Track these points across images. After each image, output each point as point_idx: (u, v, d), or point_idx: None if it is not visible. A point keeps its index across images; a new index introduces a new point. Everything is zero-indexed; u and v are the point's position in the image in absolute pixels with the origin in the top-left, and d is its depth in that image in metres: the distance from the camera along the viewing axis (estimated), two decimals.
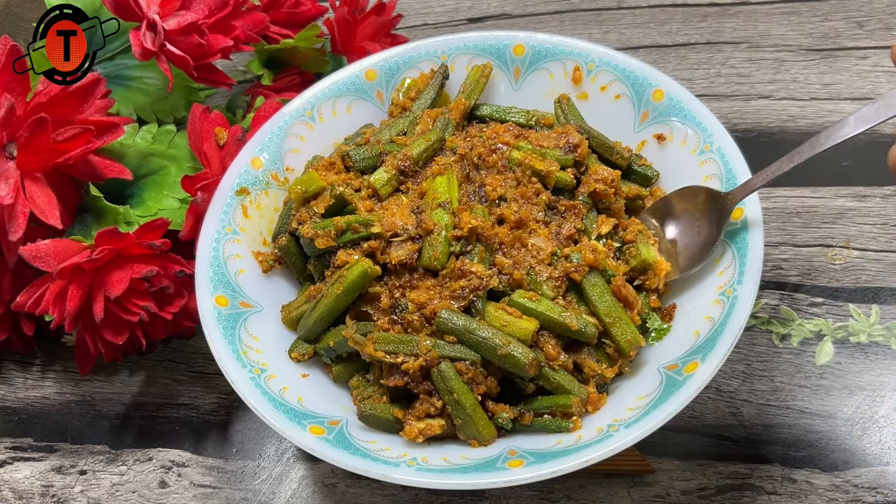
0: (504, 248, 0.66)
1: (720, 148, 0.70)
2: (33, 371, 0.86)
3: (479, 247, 0.66)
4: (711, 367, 0.58)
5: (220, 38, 0.79)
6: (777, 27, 1.04)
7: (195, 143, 0.79)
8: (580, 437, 0.60)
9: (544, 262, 0.66)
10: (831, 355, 0.78)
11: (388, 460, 0.59)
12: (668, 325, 0.67)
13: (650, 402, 0.59)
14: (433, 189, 0.69)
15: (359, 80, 0.82)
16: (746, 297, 0.61)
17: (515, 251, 0.66)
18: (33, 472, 0.78)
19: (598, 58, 0.78)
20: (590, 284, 0.65)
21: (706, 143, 0.71)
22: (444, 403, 0.62)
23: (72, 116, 0.73)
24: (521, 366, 0.61)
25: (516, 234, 0.67)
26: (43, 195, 0.72)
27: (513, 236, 0.66)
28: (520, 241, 0.67)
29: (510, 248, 0.66)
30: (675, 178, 0.74)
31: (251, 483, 0.75)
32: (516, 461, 0.58)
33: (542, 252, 0.66)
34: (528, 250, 0.66)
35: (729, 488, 0.70)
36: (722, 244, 0.66)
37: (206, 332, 0.66)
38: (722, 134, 0.70)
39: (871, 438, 0.72)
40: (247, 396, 0.62)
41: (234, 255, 0.71)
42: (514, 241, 0.66)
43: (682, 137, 0.74)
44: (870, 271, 0.82)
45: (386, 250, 0.66)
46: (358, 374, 0.69)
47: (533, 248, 0.66)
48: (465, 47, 0.82)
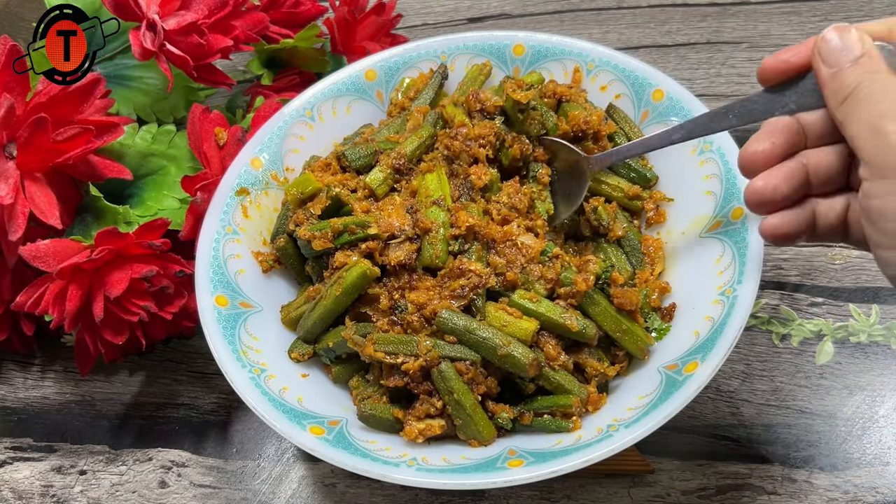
0: (496, 245, 0.67)
1: (720, 148, 0.70)
2: (33, 371, 0.86)
3: (476, 245, 0.66)
4: (711, 366, 0.58)
5: (220, 38, 0.79)
6: (777, 27, 1.04)
7: (195, 143, 0.79)
8: (580, 436, 0.60)
9: (534, 260, 0.66)
10: (831, 355, 0.78)
11: (388, 460, 0.59)
12: (668, 324, 0.67)
13: (650, 402, 0.59)
14: (425, 186, 0.69)
15: (358, 80, 0.82)
16: (746, 297, 0.61)
17: (508, 250, 0.66)
18: (33, 472, 0.78)
19: (598, 57, 0.79)
20: (590, 304, 0.65)
21: (706, 143, 0.71)
22: (444, 404, 0.62)
23: (72, 116, 0.73)
24: (521, 366, 0.61)
25: (507, 231, 0.67)
26: (43, 195, 0.72)
27: (503, 232, 0.67)
28: (509, 237, 0.67)
29: (501, 244, 0.67)
30: (675, 177, 0.74)
31: (251, 483, 0.75)
32: (516, 461, 0.58)
33: (530, 250, 0.66)
34: (519, 248, 0.66)
35: (729, 488, 0.70)
36: (721, 243, 0.66)
37: (206, 332, 0.66)
38: (722, 134, 0.70)
39: (871, 438, 0.72)
40: (247, 396, 0.62)
41: (233, 255, 0.71)
42: (504, 237, 0.67)
43: None
44: (870, 271, 0.82)
45: (384, 251, 0.66)
46: (357, 374, 0.69)
47: (523, 246, 0.66)
48: (465, 47, 0.82)
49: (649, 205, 0.74)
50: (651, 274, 0.70)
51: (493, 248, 0.67)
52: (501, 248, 0.66)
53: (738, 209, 0.66)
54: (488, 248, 0.67)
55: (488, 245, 0.67)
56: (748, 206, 0.57)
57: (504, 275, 0.65)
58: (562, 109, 0.77)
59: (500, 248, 0.67)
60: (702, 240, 0.69)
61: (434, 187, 0.68)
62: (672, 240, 0.72)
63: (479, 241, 0.66)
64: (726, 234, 0.66)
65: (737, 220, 0.66)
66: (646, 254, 0.72)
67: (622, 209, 0.74)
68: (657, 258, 0.71)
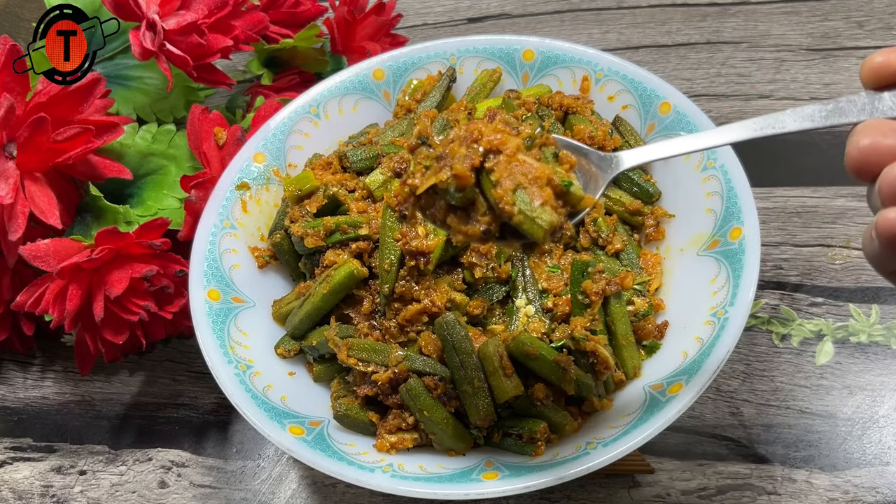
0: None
1: (723, 165, 0.69)
2: (33, 371, 0.85)
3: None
4: (694, 390, 0.58)
5: (220, 37, 0.79)
6: (777, 27, 1.04)
7: (195, 143, 0.79)
8: (558, 452, 0.60)
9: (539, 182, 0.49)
10: (831, 355, 0.77)
11: (364, 465, 0.59)
12: (659, 342, 0.67)
13: (631, 422, 0.59)
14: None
15: (367, 79, 0.82)
16: (736, 321, 0.61)
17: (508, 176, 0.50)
18: (33, 472, 0.78)
19: (608, 66, 0.78)
20: (616, 304, 0.65)
21: (710, 160, 0.70)
22: (416, 419, 0.62)
23: (72, 116, 0.73)
24: (477, 417, 0.61)
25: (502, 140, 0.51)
26: (43, 195, 0.72)
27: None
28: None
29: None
30: (676, 192, 0.74)
31: (251, 483, 0.75)
32: (492, 473, 0.58)
33: (533, 170, 0.50)
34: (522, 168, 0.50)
35: (729, 488, 0.70)
36: (717, 263, 0.66)
37: (196, 325, 0.66)
38: (726, 150, 0.70)
39: (871, 438, 0.72)
40: (230, 392, 0.62)
41: (230, 250, 0.71)
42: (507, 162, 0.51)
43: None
44: (870, 271, 0.82)
45: (374, 253, 0.66)
46: (339, 375, 0.69)
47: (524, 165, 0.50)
48: (475, 50, 0.81)
49: (650, 220, 0.74)
50: (648, 290, 0.70)
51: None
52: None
53: (737, 229, 0.66)
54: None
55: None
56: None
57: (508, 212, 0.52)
58: (568, 122, 0.76)
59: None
60: (698, 258, 0.68)
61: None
62: (669, 256, 0.72)
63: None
64: (723, 254, 0.66)
65: (734, 240, 0.66)
66: (643, 269, 0.71)
67: (622, 222, 0.74)
68: (655, 274, 0.71)
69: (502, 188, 0.46)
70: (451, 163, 0.47)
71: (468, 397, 0.61)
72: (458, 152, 0.47)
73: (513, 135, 0.49)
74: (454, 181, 0.47)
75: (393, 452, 0.62)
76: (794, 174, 0.64)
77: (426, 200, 0.50)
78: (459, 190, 0.47)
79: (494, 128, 0.49)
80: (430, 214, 0.50)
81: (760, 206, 0.66)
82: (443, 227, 0.50)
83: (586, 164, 0.58)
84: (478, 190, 0.48)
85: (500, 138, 0.48)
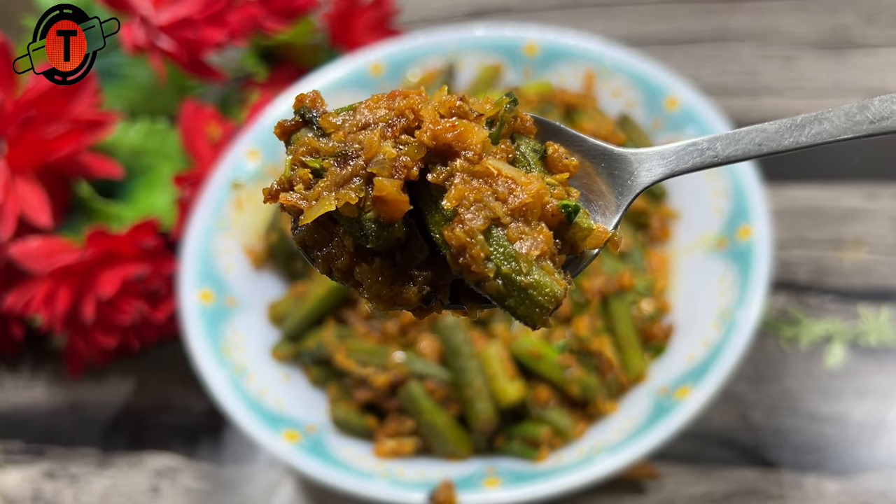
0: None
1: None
2: (23, 374, 0.84)
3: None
4: (703, 395, 0.56)
5: (213, 32, 0.77)
6: (785, 22, 1.02)
7: (187, 139, 0.78)
8: (561, 458, 0.59)
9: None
10: (841, 357, 0.76)
11: (361, 472, 0.58)
12: (665, 344, 0.65)
13: (636, 428, 0.57)
14: None
15: (364, 74, 0.80)
16: (745, 325, 0.59)
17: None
18: (24, 476, 0.76)
19: (612, 61, 0.76)
20: (617, 304, 0.63)
21: None
22: (416, 423, 0.60)
23: (62, 113, 0.71)
24: (478, 422, 0.60)
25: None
26: (33, 193, 0.70)
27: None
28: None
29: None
30: (681, 190, 0.72)
31: (244, 489, 0.74)
32: (493, 480, 0.57)
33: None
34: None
35: (736, 494, 0.69)
36: (725, 263, 0.64)
37: (186, 328, 0.64)
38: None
39: (881, 443, 0.71)
40: (221, 398, 0.61)
41: (224, 250, 0.70)
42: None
43: None
44: (880, 271, 0.80)
45: None
46: (336, 378, 0.67)
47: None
48: (475, 44, 0.80)
49: (655, 221, 0.72)
50: (653, 291, 0.68)
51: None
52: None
53: (745, 228, 0.64)
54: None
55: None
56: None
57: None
58: (571, 119, 0.75)
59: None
60: (705, 259, 0.67)
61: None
62: (675, 256, 0.70)
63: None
64: (731, 254, 0.64)
65: (743, 240, 0.64)
66: (649, 269, 0.70)
67: (626, 222, 0.72)
68: (660, 274, 0.69)
69: (465, 228, 0.27)
70: (363, 170, 0.28)
71: (469, 401, 0.59)
72: (378, 149, 0.28)
73: (473, 121, 0.30)
74: (373, 209, 0.27)
75: (392, 458, 0.60)
76: (804, 173, 0.62)
77: (315, 235, 0.30)
78: (382, 225, 0.27)
79: (442, 105, 0.30)
80: (321, 259, 0.30)
81: (768, 205, 0.65)
82: (346, 282, 0.30)
83: (591, 169, 0.37)
84: (415, 224, 0.29)
85: (453, 126, 0.29)
